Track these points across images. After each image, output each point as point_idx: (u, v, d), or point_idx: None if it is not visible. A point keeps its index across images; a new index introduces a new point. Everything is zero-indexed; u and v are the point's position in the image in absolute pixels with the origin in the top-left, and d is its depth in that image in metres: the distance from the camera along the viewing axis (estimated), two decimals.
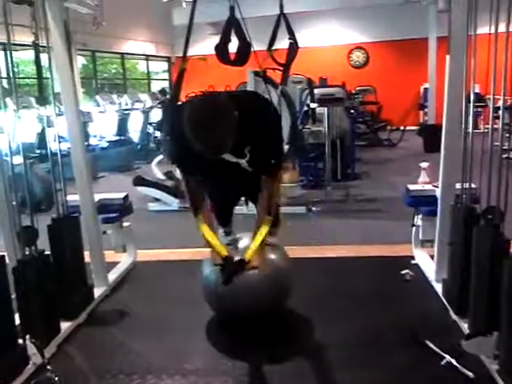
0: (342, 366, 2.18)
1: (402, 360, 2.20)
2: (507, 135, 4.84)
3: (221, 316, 2.60)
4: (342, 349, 2.30)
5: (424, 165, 3.70)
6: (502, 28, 2.07)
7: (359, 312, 2.66)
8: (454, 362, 2.07)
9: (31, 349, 2.16)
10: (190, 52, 2.40)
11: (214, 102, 1.85)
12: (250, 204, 2.60)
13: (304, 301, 2.72)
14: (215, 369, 2.24)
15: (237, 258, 2.15)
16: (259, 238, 2.12)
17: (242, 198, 2.74)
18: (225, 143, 1.83)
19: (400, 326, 2.48)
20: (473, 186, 2.49)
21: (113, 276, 3.22)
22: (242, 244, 2.50)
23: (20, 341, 2.16)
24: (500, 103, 2.21)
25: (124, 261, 3.48)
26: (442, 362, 2.09)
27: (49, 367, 2.17)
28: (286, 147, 4.80)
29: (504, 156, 2.14)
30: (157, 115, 9.63)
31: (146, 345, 2.43)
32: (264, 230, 2.13)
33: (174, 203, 5.26)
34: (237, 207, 2.68)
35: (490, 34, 2.11)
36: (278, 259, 2.53)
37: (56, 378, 2.11)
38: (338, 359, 2.23)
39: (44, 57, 2.60)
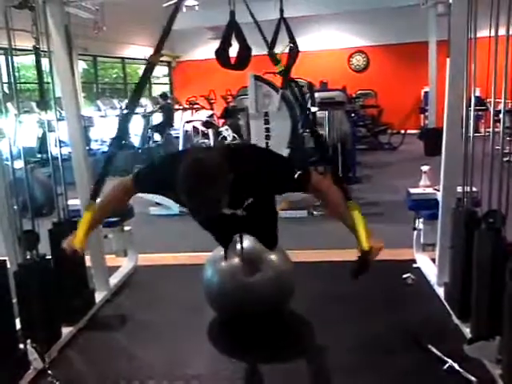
0: (344, 370, 2.17)
1: (404, 364, 2.19)
2: (508, 139, 4.84)
3: (223, 317, 2.60)
4: (344, 352, 2.30)
5: (425, 168, 3.69)
6: (502, 31, 2.07)
7: (361, 316, 2.65)
8: (456, 366, 2.06)
9: (32, 354, 2.16)
10: (193, 56, 2.39)
11: (207, 164, 1.74)
12: None
13: (305, 304, 2.72)
14: (217, 374, 2.24)
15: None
16: (361, 225, 1.97)
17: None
18: (217, 207, 1.78)
19: (402, 330, 2.48)
20: (474, 189, 2.49)
21: (114, 280, 3.22)
22: (238, 247, 2.51)
23: (21, 345, 2.16)
24: (501, 107, 2.20)
25: (125, 265, 3.48)
26: (445, 367, 2.08)
27: (49, 372, 2.17)
28: (286, 151, 4.82)
29: (505, 159, 2.14)
30: (158, 119, 9.65)
31: (147, 350, 2.43)
32: (358, 215, 1.99)
33: (175, 207, 5.25)
34: None
35: (490, 37, 2.11)
36: (279, 262, 2.53)
37: (57, 383, 2.11)
38: (340, 363, 2.22)
39: (45, 61, 2.60)
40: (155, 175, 2.07)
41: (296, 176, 1.94)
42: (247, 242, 2.54)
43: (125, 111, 2.69)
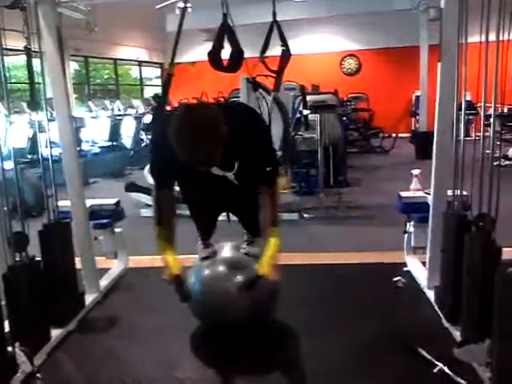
0: (333, 374, 2.17)
1: (394, 367, 2.19)
2: (498, 143, 4.87)
3: (206, 326, 2.56)
4: (333, 356, 2.30)
5: (416, 172, 3.72)
6: (492, 37, 2.09)
7: (350, 319, 2.66)
8: (446, 369, 2.07)
9: (20, 356, 2.13)
10: (183, 58, 2.40)
11: (204, 114, 1.78)
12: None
13: (294, 308, 2.71)
14: (206, 377, 2.22)
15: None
16: (270, 252, 2.08)
17: (224, 213, 2.62)
18: (213, 157, 1.79)
19: (392, 333, 2.48)
20: (464, 193, 2.50)
21: (104, 282, 3.19)
22: (220, 255, 2.50)
23: (9, 348, 2.13)
24: (491, 111, 2.22)
25: (115, 267, 3.46)
26: (435, 370, 2.09)
27: (38, 375, 2.15)
28: (278, 154, 4.83)
29: (495, 163, 2.16)
30: (149, 121, 9.63)
31: (137, 353, 2.41)
32: (273, 243, 2.09)
33: None
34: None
35: (480, 42, 2.13)
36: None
37: None
38: (329, 367, 2.22)
39: (36, 62, 2.59)
40: (157, 156, 2.12)
41: (267, 169, 2.06)
42: (226, 252, 2.53)
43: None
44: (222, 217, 2.59)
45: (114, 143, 8.92)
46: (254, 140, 1.99)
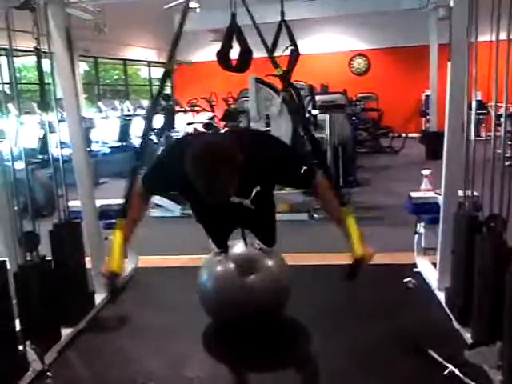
0: (343, 375, 2.16)
1: (405, 369, 2.18)
2: (509, 143, 4.84)
3: (218, 323, 2.59)
4: (343, 357, 2.29)
5: (426, 172, 3.69)
6: (503, 35, 2.07)
7: (361, 320, 2.64)
8: (456, 371, 2.05)
9: (31, 355, 2.15)
10: (194, 58, 2.40)
11: (221, 154, 1.73)
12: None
13: (304, 308, 2.70)
14: (216, 376, 2.23)
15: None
16: (355, 232, 2.02)
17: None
18: (230, 193, 1.79)
19: (402, 334, 2.47)
20: (475, 193, 2.48)
21: None
22: (234, 250, 2.51)
23: (20, 347, 2.15)
24: (502, 111, 2.20)
25: (125, 267, 3.46)
26: (445, 372, 2.07)
27: (49, 374, 2.17)
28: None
29: (506, 163, 2.14)
30: (159, 121, 9.66)
31: (146, 352, 2.42)
32: (352, 222, 2.03)
33: (176, 209, 5.25)
34: None
35: (491, 41, 2.11)
36: (275, 267, 2.52)
37: None
38: (339, 368, 2.21)
39: (46, 62, 2.60)
40: (161, 170, 2.07)
41: (303, 170, 2.00)
42: (242, 247, 2.54)
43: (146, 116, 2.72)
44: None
45: (124, 143, 8.96)
46: (274, 160, 1.96)
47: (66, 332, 2.52)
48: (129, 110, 10.03)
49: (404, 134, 9.62)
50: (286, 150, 2.17)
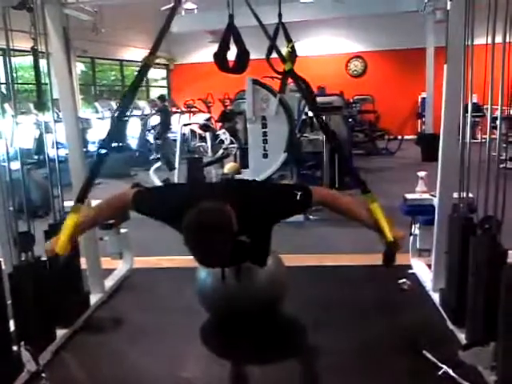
0: (337, 375, 2.17)
1: (399, 369, 2.19)
2: (504, 145, 4.85)
3: (215, 319, 2.60)
4: (338, 357, 2.29)
5: (421, 174, 3.70)
6: (498, 39, 2.08)
7: (355, 320, 2.65)
8: (451, 372, 2.06)
9: (26, 356, 2.14)
10: (191, 59, 2.40)
11: (214, 217, 1.75)
12: None
13: (300, 308, 2.72)
14: (212, 377, 2.23)
15: None
16: (381, 217, 2.00)
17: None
18: (223, 258, 1.84)
19: (397, 335, 2.48)
20: (470, 195, 2.50)
21: (109, 283, 3.20)
22: None
23: (14, 348, 2.14)
24: (497, 113, 2.21)
25: (120, 268, 3.47)
26: (439, 372, 2.08)
27: (43, 375, 2.16)
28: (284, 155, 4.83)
29: (501, 166, 2.15)
30: (155, 122, 9.65)
31: (142, 352, 2.42)
32: (376, 208, 2.01)
33: None
34: None
35: (487, 44, 2.12)
36: (272, 266, 2.53)
37: None
38: (334, 368, 2.22)
39: (43, 63, 2.60)
40: (155, 202, 2.07)
41: (298, 197, 1.96)
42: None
43: (117, 112, 2.68)
44: None
45: (120, 144, 8.94)
46: (269, 205, 1.95)
47: (60, 333, 2.51)
48: None
49: (400, 136, 9.64)
50: (274, 189, 2.17)
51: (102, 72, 12.64)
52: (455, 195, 2.58)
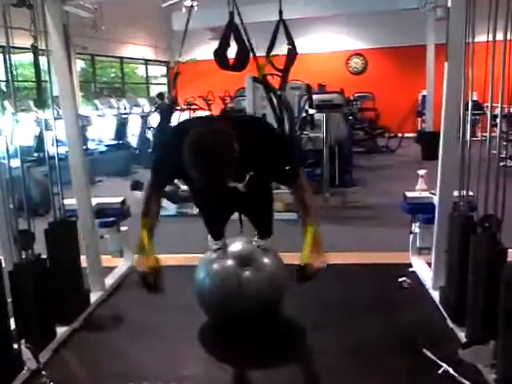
0: (337, 374, 2.17)
1: (399, 368, 2.19)
2: (504, 143, 4.85)
3: (213, 321, 2.59)
4: (337, 356, 2.30)
5: (421, 172, 3.71)
6: (499, 36, 2.08)
7: (355, 319, 2.65)
8: (451, 370, 2.06)
9: (26, 354, 2.15)
10: (191, 56, 2.40)
11: (215, 135, 1.79)
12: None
13: (298, 307, 2.71)
14: (211, 375, 2.24)
15: None
16: (308, 240, 2.10)
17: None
18: (226, 180, 1.84)
19: (396, 333, 2.48)
20: (470, 193, 2.49)
21: (109, 281, 3.21)
22: (231, 248, 2.55)
23: (15, 345, 2.15)
24: (498, 111, 2.21)
25: (121, 266, 3.47)
26: (439, 371, 2.08)
27: (44, 372, 2.16)
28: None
29: (501, 164, 2.15)
30: (155, 119, 9.64)
31: (142, 350, 2.42)
32: (309, 231, 2.11)
33: (171, 208, 5.24)
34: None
35: (487, 41, 2.12)
36: (271, 264, 2.53)
37: None
38: (333, 366, 2.22)
39: (43, 60, 2.60)
40: (163, 161, 2.14)
41: (288, 168, 2.06)
42: (238, 245, 2.57)
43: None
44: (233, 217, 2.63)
45: (120, 142, 8.94)
46: (266, 149, 2.01)
47: (61, 330, 2.51)
48: (125, 108, 10.00)
49: (400, 134, 9.63)
50: (279, 144, 2.17)
51: (101, 69, 12.62)
52: (455, 193, 2.58)
